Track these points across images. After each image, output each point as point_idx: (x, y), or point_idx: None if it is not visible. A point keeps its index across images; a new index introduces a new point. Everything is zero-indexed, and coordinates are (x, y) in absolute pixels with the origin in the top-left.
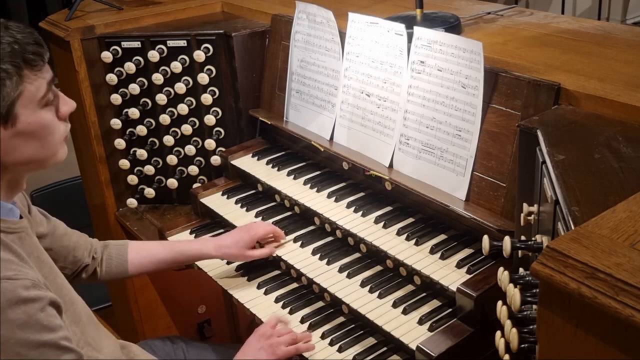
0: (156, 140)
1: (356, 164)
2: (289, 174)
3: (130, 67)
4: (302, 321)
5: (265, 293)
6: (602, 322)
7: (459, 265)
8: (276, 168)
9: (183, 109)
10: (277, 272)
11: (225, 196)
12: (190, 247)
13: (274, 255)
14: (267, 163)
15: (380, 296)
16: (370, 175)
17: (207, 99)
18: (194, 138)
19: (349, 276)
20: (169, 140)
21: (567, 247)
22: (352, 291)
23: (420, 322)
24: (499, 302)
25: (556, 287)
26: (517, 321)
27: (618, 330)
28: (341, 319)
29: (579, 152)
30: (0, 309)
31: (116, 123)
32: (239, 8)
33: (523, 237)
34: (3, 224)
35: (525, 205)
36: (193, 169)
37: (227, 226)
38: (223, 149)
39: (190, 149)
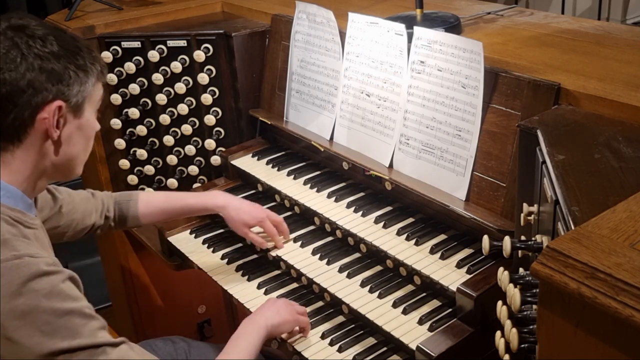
0: (156, 140)
1: (356, 164)
2: (289, 174)
3: (130, 67)
4: None
5: (265, 293)
6: (602, 322)
7: (459, 265)
8: (276, 168)
9: (183, 109)
10: (277, 272)
11: None
12: (198, 201)
13: (274, 255)
14: (267, 163)
15: (380, 296)
16: (370, 175)
17: (207, 99)
18: (194, 138)
19: (349, 276)
20: (169, 140)
21: (567, 247)
22: (352, 291)
23: (420, 322)
24: (499, 302)
25: (556, 287)
26: (517, 321)
27: (618, 330)
28: (341, 319)
29: (579, 152)
30: (24, 281)
31: (116, 123)
32: (239, 8)
33: (523, 237)
34: (23, 216)
35: (525, 205)
36: (193, 169)
37: (227, 226)
38: (223, 149)
39: (190, 149)
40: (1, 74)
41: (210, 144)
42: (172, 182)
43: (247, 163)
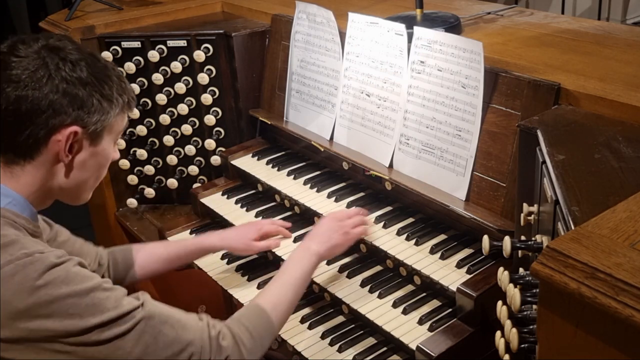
0: (156, 140)
1: (356, 164)
2: (289, 174)
3: (130, 67)
4: (302, 321)
5: None
6: (602, 322)
7: (459, 265)
8: (276, 168)
9: (183, 109)
10: (277, 271)
11: (226, 196)
12: (193, 242)
13: (275, 254)
14: (267, 163)
15: (380, 296)
16: (370, 175)
17: (207, 99)
18: (194, 138)
19: (349, 276)
20: (169, 140)
21: (567, 247)
22: (352, 291)
23: (420, 322)
24: (499, 302)
25: (556, 287)
26: (517, 321)
27: (618, 330)
28: (341, 319)
29: (579, 152)
30: (39, 274)
31: None
32: (239, 8)
33: (523, 237)
34: (29, 224)
35: (525, 205)
36: (193, 169)
37: (227, 226)
38: (223, 149)
39: (190, 149)
40: (25, 90)
41: (210, 144)
42: (172, 182)
43: (247, 163)
